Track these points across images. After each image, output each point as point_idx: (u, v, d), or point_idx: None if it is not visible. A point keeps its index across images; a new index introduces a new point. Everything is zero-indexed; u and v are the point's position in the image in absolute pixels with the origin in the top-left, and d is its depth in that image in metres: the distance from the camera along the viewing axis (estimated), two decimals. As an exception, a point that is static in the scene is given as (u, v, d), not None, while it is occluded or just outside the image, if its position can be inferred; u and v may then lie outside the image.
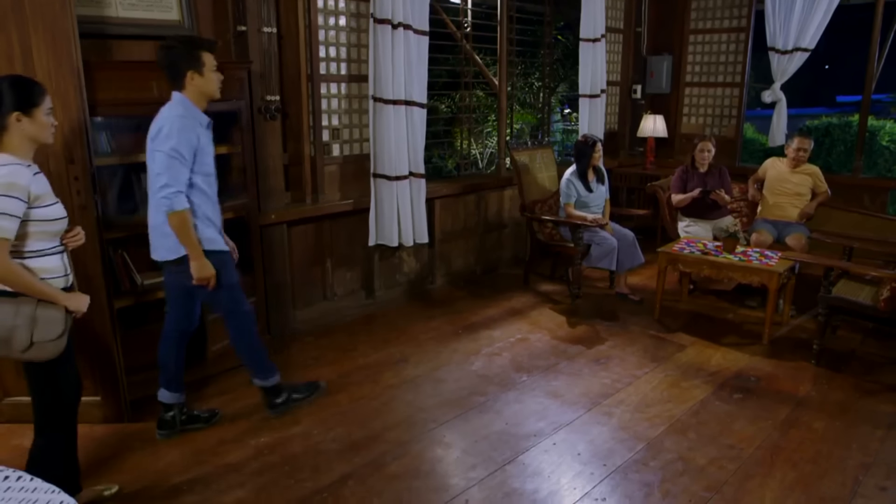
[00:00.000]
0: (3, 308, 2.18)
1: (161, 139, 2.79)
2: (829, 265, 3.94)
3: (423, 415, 3.41)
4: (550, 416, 3.38)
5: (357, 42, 4.55)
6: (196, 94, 2.92)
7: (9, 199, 2.09)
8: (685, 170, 5.32)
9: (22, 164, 2.18)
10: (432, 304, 5.08)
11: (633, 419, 3.37)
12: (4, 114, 2.17)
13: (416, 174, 4.83)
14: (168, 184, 2.78)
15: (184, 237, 2.85)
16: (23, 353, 2.21)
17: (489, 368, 3.95)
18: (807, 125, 10.95)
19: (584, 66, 6.06)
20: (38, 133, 2.25)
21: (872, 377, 3.89)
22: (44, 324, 2.22)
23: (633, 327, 4.62)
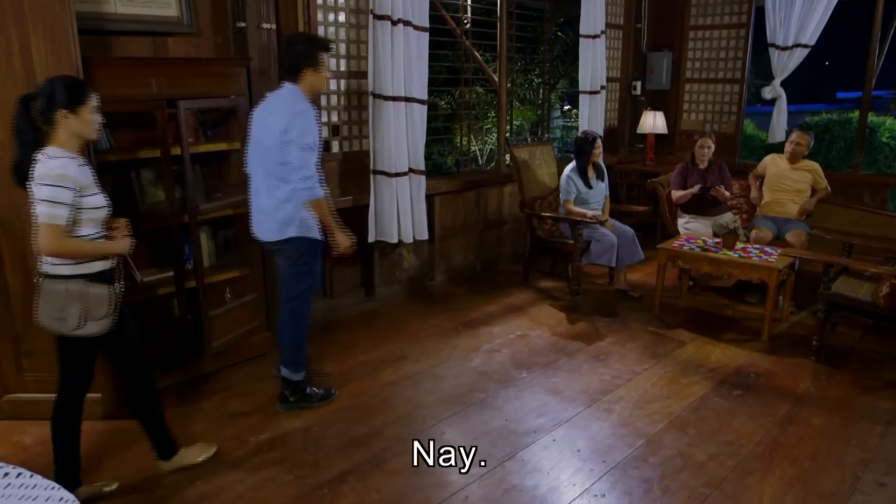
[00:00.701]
0: (55, 289, 2.37)
1: (299, 134, 2.98)
2: (829, 262, 3.94)
3: (423, 411, 3.42)
4: (550, 413, 3.39)
5: (357, 38, 4.54)
6: (308, 88, 3.14)
7: (61, 189, 2.27)
8: (685, 166, 5.32)
9: (69, 157, 2.34)
10: (432, 301, 5.08)
11: (633, 415, 3.38)
12: (53, 111, 2.33)
13: (416, 171, 4.83)
14: (308, 175, 3.02)
15: (324, 219, 3.16)
16: (74, 330, 2.39)
17: (489, 365, 3.96)
18: (807, 122, 10.92)
19: (583, 62, 6.05)
20: (83, 129, 2.40)
21: (872, 374, 3.89)
22: (93, 302, 2.39)
23: (632, 324, 4.62)
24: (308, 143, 3.00)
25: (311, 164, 3.04)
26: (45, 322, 2.42)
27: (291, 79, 3.13)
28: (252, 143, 3.23)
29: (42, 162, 2.30)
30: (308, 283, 3.29)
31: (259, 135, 3.17)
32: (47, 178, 2.27)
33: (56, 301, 2.38)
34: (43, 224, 2.27)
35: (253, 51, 3.98)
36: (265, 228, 3.22)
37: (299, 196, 3.06)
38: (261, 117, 3.18)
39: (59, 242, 2.30)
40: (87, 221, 2.39)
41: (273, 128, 3.04)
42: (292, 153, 2.99)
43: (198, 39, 3.84)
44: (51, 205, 2.26)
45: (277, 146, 3.02)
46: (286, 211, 3.12)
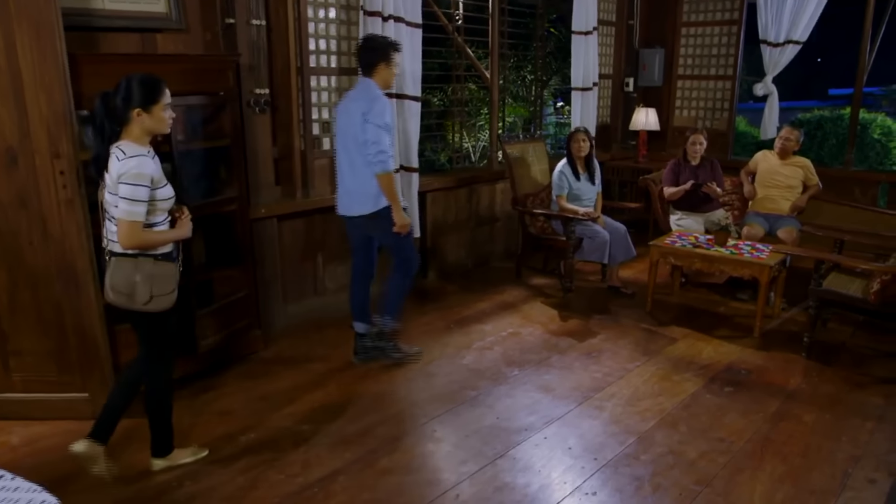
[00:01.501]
0: (125, 266, 2.55)
1: (376, 114, 3.42)
2: (820, 258, 3.94)
3: (414, 409, 3.41)
4: (541, 411, 3.38)
5: (347, 35, 4.51)
6: (382, 81, 3.59)
7: (139, 188, 2.44)
8: (677, 163, 5.32)
9: (144, 154, 2.50)
10: (424, 299, 5.06)
11: (625, 413, 3.37)
12: (128, 109, 2.48)
13: (407, 168, 4.81)
14: (383, 150, 3.45)
15: (389, 193, 3.53)
16: (143, 305, 2.56)
17: (480, 363, 3.95)
18: (798, 118, 10.96)
19: (576, 59, 6.04)
20: (155, 126, 2.56)
21: (862, 370, 3.90)
22: (160, 279, 2.56)
23: (624, 320, 4.62)
24: (384, 123, 3.45)
25: (385, 141, 3.46)
26: (114, 297, 2.59)
27: (367, 73, 3.59)
28: (339, 132, 3.67)
29: (120, 159, 2.44)
30: (408, 240, 3.76)
31: (344, 122, 3.60)
32: (127, 178, 2.42)
33: (126, 278, 2.54)
34: (123, 221, 2.45)
35: (242, 47, 3.95)
36: (359, 205, 3.61)
37: (374, 168, 3.46)
38: (344, 107, 3.63)
39: (139, 237, 2.49)
40: (156, 211, 2.56)
41: (355, 113, 3.49)
42: (370, 131, 3.42)
43: (186, 36, 3.81)
44: (131, 203, 2.43)
45: (360, 127, 3.46)
46: (376, 185, 3.52)
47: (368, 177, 3.52)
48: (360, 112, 3.45)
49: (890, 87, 16.47)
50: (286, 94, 4.27)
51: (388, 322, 3.84)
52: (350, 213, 3.68)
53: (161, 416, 2.81)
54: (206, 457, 2.96)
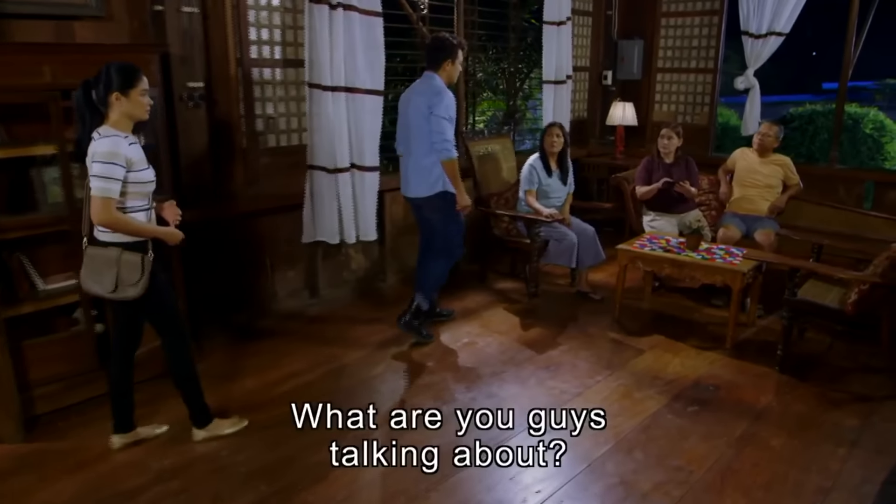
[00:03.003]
0: (95, 254, 2.65)
1: (442, 107, 3.72)
2: (795, 266, 3.67)
3: (348, 432, 3.13)
4: (485, 435, 3.09)
5: (293, 24, 4.21)
6: (446, 76, 3.89)
7: (112, 166, 2.52)
8: (650, 160, 5.04)
9: (120, 136, 2.58)
10: (381, 304, 4.78)
11: (577, 439, 3.09)
12: (108, 94, 2.57)
13: (361, 167, 4.52)
14: (447, 139, 3.73)
15: (454, 178, 3.83)
16: (109, 293, 2.65)
17: (428, 377, 3.67)
18: (790, 112, 10.72)
19: (548, 50, 5.75)
20: (134, 110, 2.63)
21: (839, 386, 3.63)
22: (125, 268, 2.61)
23: (590, 329, 4.35)
24: (448, 116, 3.73)
25: (449, 131, 3.74)
26: (86, 284, 2.69)
27: (433, 69, 3.87)
28: (401, 123, 4.00)
29: (96, 140, 2.55)
30: (458, 227, 4.03)
31: (408, 113, 3.89)
32: (100, 156, 2.51)
33: (95, 266, 2.64)
34: (96, 197, 2.52)
35: (173, 36, 3.67)
36: (418, 187, 3.93)
37: (440, 155, 3.74)
38: (408, 99, 3.92)
39: (111, 214, 2.54)
40: (135, 194, 2.63)
41: (420, 105, 3.79)
42: (435, 122, 3.71)
43: (109, 24, 3.51)
44: (104, 180, 2.51)
45: (425, 119, 3.75)
46: (436, 171, 3.82)
47: (428, 163, 3.82)
48: (427, 105, 3.75)
49: (884, 81, 16.25)
50: (225, 87, 3.98)
51: (421, 300, 4.04)
52: (409, 195, 4.03)
53: (192, 391, 2.98)
54: (110, 485, 2.71)
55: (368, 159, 4.54)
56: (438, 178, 3.87)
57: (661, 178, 4.85)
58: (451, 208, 3.96)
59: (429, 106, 3.75)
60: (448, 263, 4.10)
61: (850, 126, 9.99)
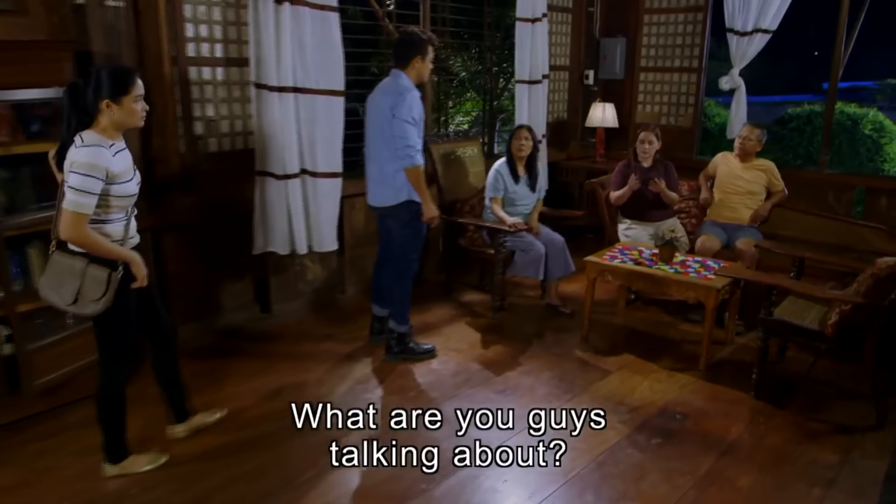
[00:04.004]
0: (60, 261, 2.46)
1: (404, 109, 3.43)
2: (770, 283, 3.37)
3: (275, 471, 2.83)
4: (417, 471, 2.80)
5: (236, 20, 3.93)
6: (415, 75, 3.60)
7: (90, 179, 2.32)
8: (627, 164, 4.74)
9: (104, 145, 2.39)
10: (337, 318, 4.50)
11: (523, 474, 2.80)
12: (97, 100, 2.40)
13: (314, 172, 4.22)
14: (411, 144, 3.45)
15: (418, 186, 3.55)
16: (67, 305, 2.47)
17: (372, 401, 3.38)
18: (788, 113, 10.44)
19: (521, 48, 5.44)
20: (126, 119, 2.47)
21: (819, 414, 3.34)
22: (89, 282, 2.43)
23: (555, 348, 4.05)
24: (411, 118, 3.44)
25: (413, 136, 3.46)
26: (44, 293, 2.51)
27: (401, 66, 3.58)
28: (368, 124, 3.69)
29: (76, 147, 2.36)
30: (417, 242, 3.75)
31: (373, 115, 3.63)
32: (78, 166, 2.32)
33: (58, 274, 2.46)
34: (68, 211, 2.32)
35: (96, 32, 3.38)
36: (382, 196, 3.67)
37: (403, 162, 3.47)
38: (374, 100, 3.65)
39: (81, 232, 2.35)
40: (114, 208, 2.46)
41: (384, 107, 3.52)
42: (397, 126, 3.44)
43: (23, 19, 3.18)
44: (79, 193, 2.31)
45: (388, 122, 3.48)
46: (400, 179, 3.54)
47: (392, 170, 3.56)
48: (388, 107, 3.48)
49: (885, 81, 15.86)
50: (160, 88, 3.69)
51: (400, 327, 3.82)
52: (372, 204, 3.77)
53: (108, 423, 2.71)
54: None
55: (324, 164, 4.24)
56: (403, 186, 3.59)
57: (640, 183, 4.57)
58: (415, 219, 3.68)
59: (391, 108, 3.48)
60: (406, 281, 3.81)
61: (848, 127, 9.72)
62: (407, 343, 3.88)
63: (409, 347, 3.87)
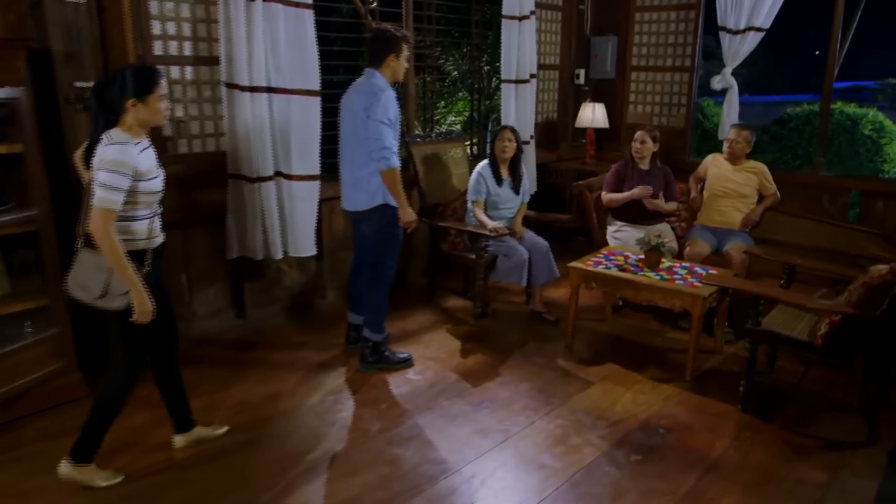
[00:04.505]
0: (88, 258, 2.49)
1: (379, 109, 3.28)
2: (757, 293, 3.22)
3: (225, 493, 2.69)
4: (388, 488, 2.67)
5: (206, 17, 3.79)
6: (390, 74, 3.46)
7: (117, 175, 2.36)
8: (623, 166, 4.60)
9: (130, 143, 2.44)
10: (315, 325, 4.36)
11: (491, 495, 2.67)
12: (123, 99, 2.43)
13: (289, 175, 4.08)
14: (386, 146, 3.29)
15: (394, 190, 3.40)
16: (95, 300, 2.49)
17: (343, 414, 3.25)
18: (787, 112, 10.31)
19: (507, 47, 5.30)
20: (150, 117, 2.50)
21: (808, 428, 3.20)
22: (117, 277, 2.43)
23: (537, 357, 3.91)
24: (386, 118, 3.29)
25: (388, 137, 3.31)
26: (72, 287, 2.54)
27: (375, 65, 3.44)
28: (342, 125, 3.56)
29: (103, 145, 2.41)
30: (393, 248, 3.61)
31: (347, 116, 3.50)
32: (106, 163, 2.36)
33: (86, 269, 2.49)
34: (97, 207, 2.36)
35: (55, 30, 3.25)
36: (356, 200, 3.53)
37: (377, 165, 3.32)
38: (347, 100, 3.51)
39: (107, 228, 2.36)
40: (143, 203, 2.49)
41: (357, 107, 3.38)
42: (371, 127, 3.29)
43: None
44: (107, 190, 2.35)
45: (362, 123, 3.34)
46: (375, 182, 3.40)
47: (366, 173, 3.43)
48: (362, 107, 3.34)
49: (886, 81, 15.68)
50: (126, 87, 3.55)
51: (375, 336, 3.68)
52: (347, 208, 3.64)
53: (99, 422, 2.67)
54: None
55: (299, 167, 4.11)
56: (378, 189, 3.45)
57: (634, 187, 4.43)
58: (391, 224, 3.54)
59: (365, 108, 3.33)
60: (382, 288, 3.66)
61: (848, 127, 9.59)
62: (382, 352, 3.74)
63: (384, 357, 3.74)
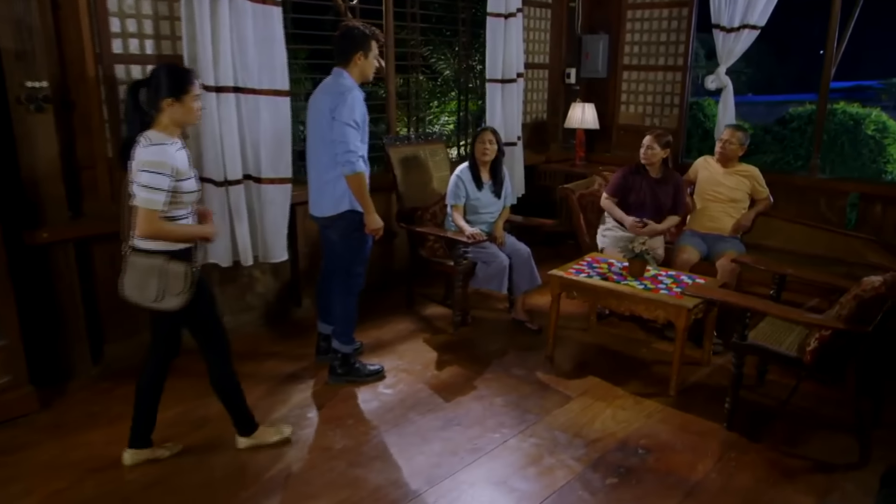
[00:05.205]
0: (139, 263, 2.51)
1: (345, 111, 3.13)
2: (743, 306, 3.05)
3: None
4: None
5: (169, 14, 3.63)
6: (358, 73, 3.31)
7: (158, 176, 2.39)
8: (631, 170, 4.37)
9: (168, 143, 2.47)
10: (287, 333, 4.20)
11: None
12: (160, 99, 2.47)
13: (258, 178, 3.93)
14: (351, 150, 3.14)
15: (360, 195, 3.25)
16: (153, 303, 2.52)
17: (306, 430, 3.10)
18: (789, 112, 10.14)
19: (492, 45, 5.12)
20: (186, 116, 2.54)
21: (797, 448, 3.02)
22: (171, 278, 2.49)
23: (515, 369, 3.74)
24: (353, 120, 3.15)
25: (354, 140, 3.15)
26: (128, 293, 2.55)
27: (342, 64, 3.30)
28: (308, 127, 3.42)
29: (142, 147, 2.43)
30: (361, 255, 3.45)
31: (313, 117, 3.35)
32: (146, 165, 2.39)
33: (139, 274, 2.50)
34: (141, 208, 2.39)
35: (4, 27, 3.09)
36: (322, 205, 3.38)
37: (343, 169, 3.18)
38: (314, 100, 3.36)
39: (156, 226, 2.42)
40: (178, 205, 2.50)
41: (323, 108, 3.23)
42: (337, 129, 3.15)
43: (-81, 12, 2.94)
44: (149, 190, 2.38)
45: (328, 125, 3.19)
46: (341, 187, 3.26)
47: (332, 177, 3.29)
48: (328, 108, 3.20)
49: (889, 81, 15.41)
50: (84, 88, 3.40)
51: (344, 347, 3.53)
52: (314, 213, 3.48)
53: (233, 400, 2.85)
54: None
55: (270, 170, 3.95)
56: (344, 194, 3.30)
57: (642, 194, 4.30)
58: (357, 231, 3.38)
59: (330, 109, 3.18)
60: (350, 297, 3.50)
61: (850, 127, 9.43)
62: (352, 364, 3.58)
63: (354, 369, 3.58)
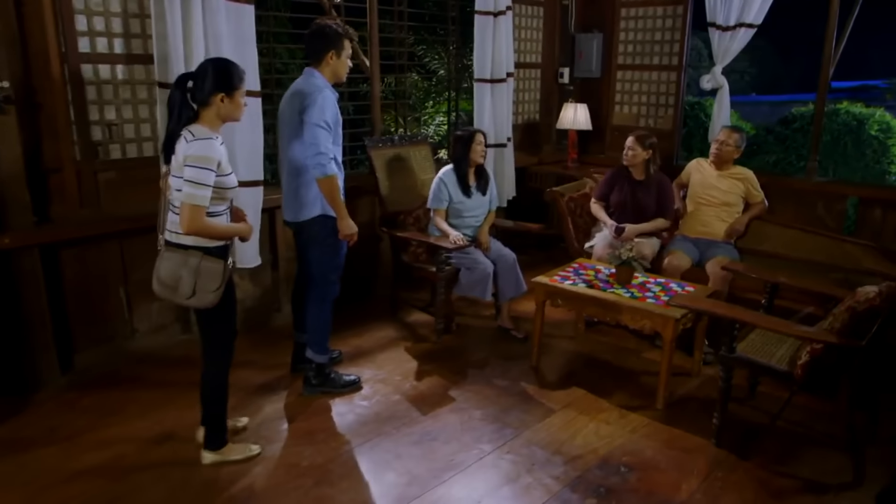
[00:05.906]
0: (174, 258, 2.49)
1: (315, 112, 3.02)
2: (731, 317, 2.90)
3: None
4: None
5: (139, 11, 3.51)
6: (330, 73, 3.20)
7: (204, 171, 2.37)
8: (618, 172, 4.28)
9: (213, 138, 2.45)
10: (265, 341, 4.08)
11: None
12: (210, 93, 2.46)
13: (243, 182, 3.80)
14: (321, 152, 3.03)
15: (332, 199, 3.13)
16: (186, 299, 2.50)
17: (274, 444, 2.98)
18: (792, 112, 9.99)
19: (479, 44, 4.99)
20: (232, 112, 2.54)
21: (787, 466, 2.88)
22: (206, 275, 2.47)
23: (498, 379, 3.61)
24: (323, 121, 3.05)
25: (324, 142, 3.05)
26: (159, 289, 2.53)
27: (314, 63, 3.20)
28: (279, 129, 3.32)
29: (188, 141, 2.40)
30: (335, 262, 3.34)
31: (283, 119, 3.25)
32: (193, 160, 2.37)
33: (173, 269, 2.48)
34: (187, 204, 2.37)
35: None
36: (293, 210, 3.27)
37: (313, 172, 3.08)
38: (285, 102, 3.25)
39: (201, 222, 2.40)
40: (218, 200, 2.48)
41: (292, 109, 3.14)
42: (307, 131, 3.05)
43: None
44: (195, 186, 2.36)
45: (298, 126, 3.10)
46: (313, 191, 3.16)
47: (303, 180, 3.18)
48: (298, 110, 3.09)
49: (894, 80, 15.21)
50: (49, 88, 3.29)
51: (318, 357, 3.41)
52: (287, 218, 3.39)
53: (215, 408, 2.78)
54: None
55: (242, 172, 3.81)
56: (316, 198, 3.20)
57: (624, 195, 4.23)
58: (331, 237, 3.27)
59: (300, 111, 3.08)
60: (325, 305, 3.39)
61: (854, 128, 9.30)
62: (327, 374, 3.46)
63: (329, 379, 3.46)
